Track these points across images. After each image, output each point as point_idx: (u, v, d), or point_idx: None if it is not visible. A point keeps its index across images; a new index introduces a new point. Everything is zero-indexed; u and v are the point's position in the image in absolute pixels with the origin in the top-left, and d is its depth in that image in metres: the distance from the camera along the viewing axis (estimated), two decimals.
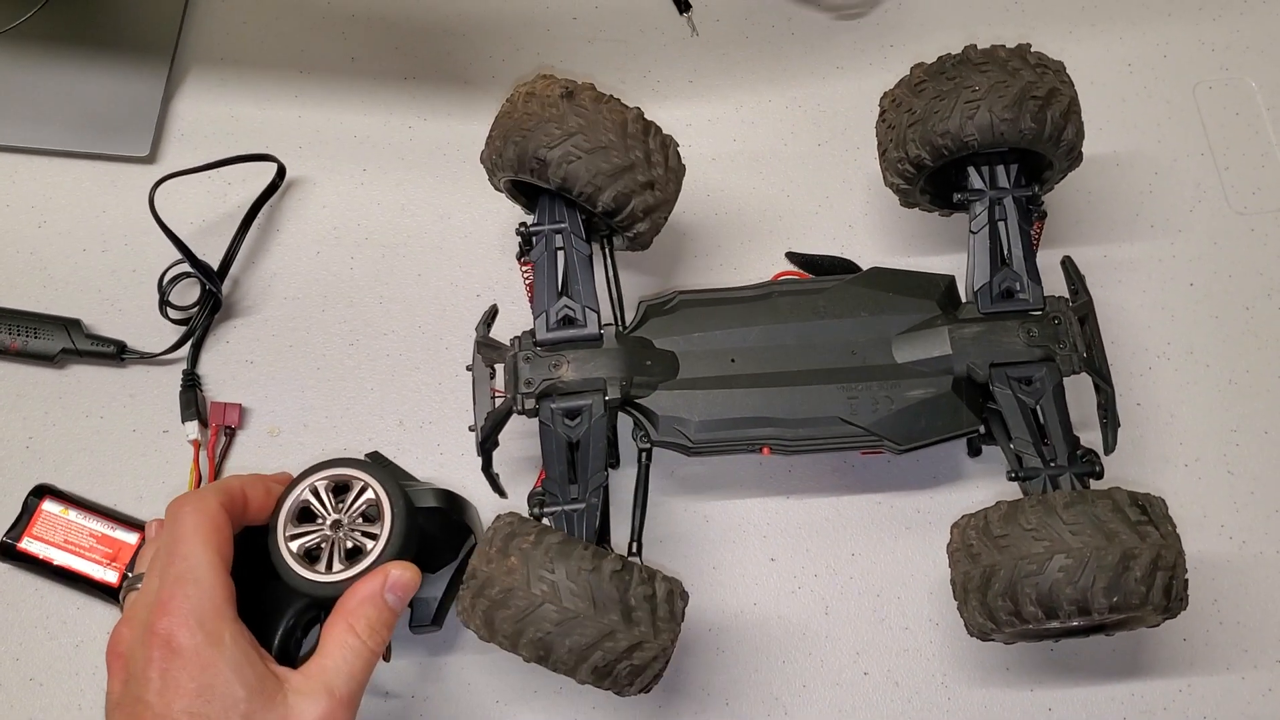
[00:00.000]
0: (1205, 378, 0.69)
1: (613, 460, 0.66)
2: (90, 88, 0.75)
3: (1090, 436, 0.61)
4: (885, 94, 0.64)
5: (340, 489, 0.56)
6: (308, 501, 0.56)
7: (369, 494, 0.56)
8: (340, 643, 0.51)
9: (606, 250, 0.63)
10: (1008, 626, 0.53)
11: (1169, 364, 0.69)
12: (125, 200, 0.73)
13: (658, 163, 0.60)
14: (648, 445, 0.59)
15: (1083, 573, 0.51)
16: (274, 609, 0.54)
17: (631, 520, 0.58)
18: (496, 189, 0.64)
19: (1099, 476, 0.57)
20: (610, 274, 0.63)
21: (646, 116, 0.60)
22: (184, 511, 0.51)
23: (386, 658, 0.62)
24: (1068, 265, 0.63)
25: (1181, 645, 0.63)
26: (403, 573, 0.54)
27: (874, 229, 0.73)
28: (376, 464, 0.58)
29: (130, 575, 0.56)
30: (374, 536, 0.55)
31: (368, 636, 0.52)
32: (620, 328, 0.62)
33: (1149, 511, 0.53)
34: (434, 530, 0.58)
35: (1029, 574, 0.52)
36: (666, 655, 0.54)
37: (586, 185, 0.58)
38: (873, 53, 0.77)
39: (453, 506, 0.59)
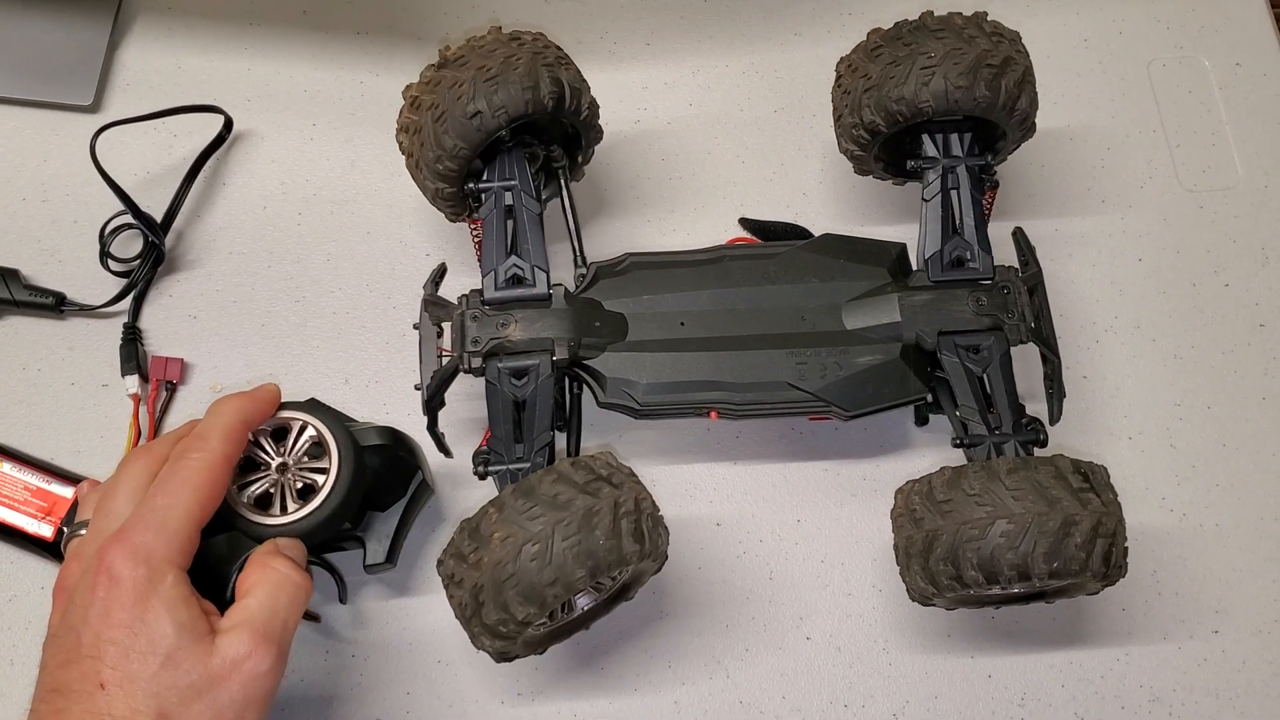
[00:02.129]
0: (1151, 352, 0.70)
1: (560, 422, 0.65)
2: (34, 34, 0.73)
3: (1037, 407, 0.61)
4: (842, 59, 0.64)
5: (279, 433, 0.57)
6: (249, 452, 0.56)
7: (310, 432, 0.56)
8: (257, 580, 0.51)
9: (563, 182, 0.63)
10: (949, 591, 0.54)
11: (1116, 338, 0.70)
12: (67, 149, 0.72)
13: (549, 46, 0.61)
14: (579, 392, 0.61)
15: (1024, 538, 0.51)
16: (229, 557, 0.54)
17: (567, 443, 0.60)
18: (453, 217, 0.64)
19: (1043, 444, 0.58)
20: (568, 204, 0.63)
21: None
22: (193, 456, 0.51)
23: (317, 619, 0.61)
24: (1019, 236, 0.63)
25: (1120, 615, 0.64)
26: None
27: (828, 197, 0.73)
28: (315, 406, 0.58)
29: (72, 524, 0.55)
30: (323, 471, 0.56)
31: (283, 566, 0.51)
32: (580, 270, 0.62)
33: (1091, 479, 0.53)
34: (381, 467, 0.58)
35: (971, 539, 0.52)
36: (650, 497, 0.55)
37: (521, 97, 0.57)
38: (831, 20, 0.77)
39: (397, 442, 0.59)
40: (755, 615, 0.64)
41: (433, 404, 0.60)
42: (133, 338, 0.67)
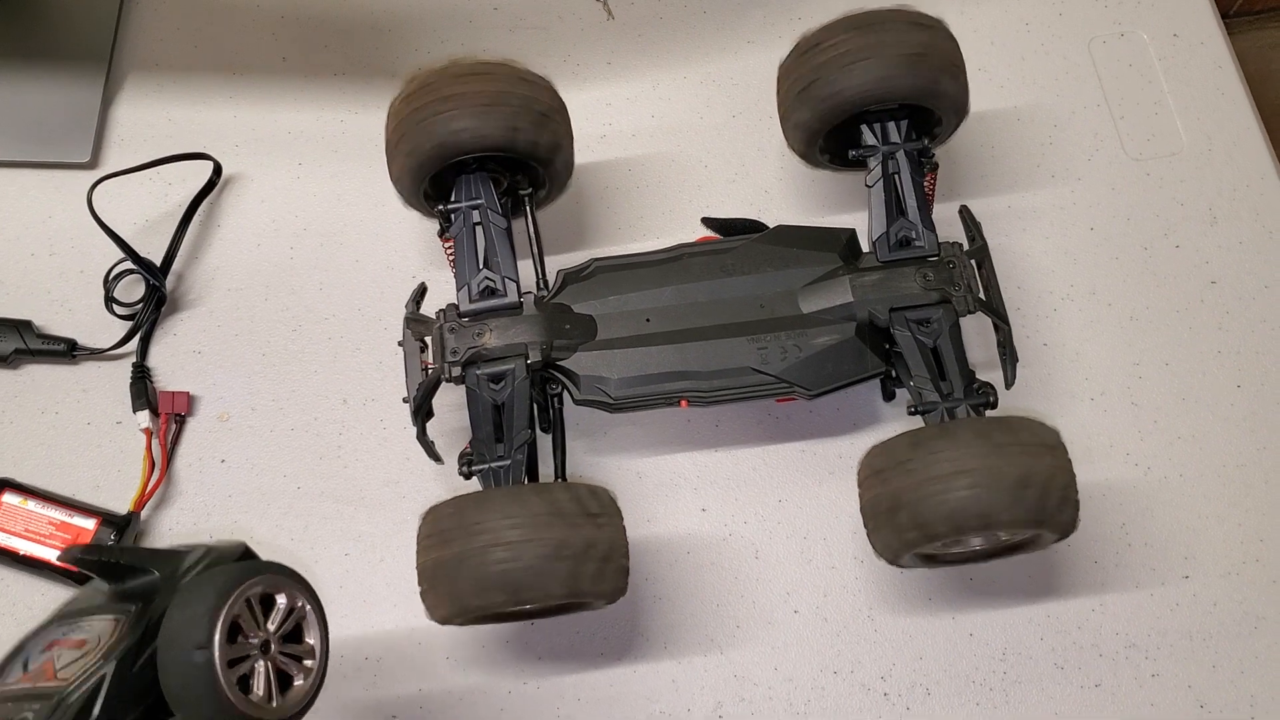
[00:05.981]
0: (1108, 316, 0.72)
1: (544, 424, 0.69)
2: (30, 98, 0.78)
3: (996, 374, 0.64)
4: (781, 64, 0.68)
5: (266, 600, 0.47)
6: (239, 615, 0.45)
7: (296, 610, 0.48)
8: None
9: (528, 208, 0.66)
10: (913, 546, 0.56)
11: (1073, 305, 0.73)
12: (70, 205, 0.76)
13: (551, 97, 0.65)
14: (557, 390, 0.64)
15: (982, 491, 0.53)
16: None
17: (554, 462, 0.63)
18: (411, 205, 0.67)
19: (993, 406, 0.61)
20: (532, 231, 0.66)
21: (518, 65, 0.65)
22: None
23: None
24: (964, 214, 0.66)
25: (1093, 567, 0.67)
26: None
27: (788, 192, 0.76)
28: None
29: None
30: (299, 659, 0.48)
31: None
32: (542, 291, 0.65)
33: (1038, 435, 0.56)
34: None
35: (933, 494, 0.54)
36: (626, 542, 0.58)
37: (499, 133, 0.61)
38: (781, 26, 0.81)
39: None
40: (744, 593, 0.67)
41: (420, 414, 0.63)
42: (141, 376, 0.71)
